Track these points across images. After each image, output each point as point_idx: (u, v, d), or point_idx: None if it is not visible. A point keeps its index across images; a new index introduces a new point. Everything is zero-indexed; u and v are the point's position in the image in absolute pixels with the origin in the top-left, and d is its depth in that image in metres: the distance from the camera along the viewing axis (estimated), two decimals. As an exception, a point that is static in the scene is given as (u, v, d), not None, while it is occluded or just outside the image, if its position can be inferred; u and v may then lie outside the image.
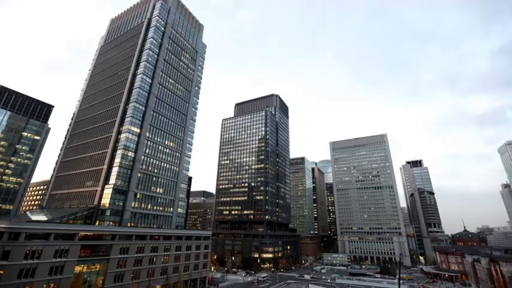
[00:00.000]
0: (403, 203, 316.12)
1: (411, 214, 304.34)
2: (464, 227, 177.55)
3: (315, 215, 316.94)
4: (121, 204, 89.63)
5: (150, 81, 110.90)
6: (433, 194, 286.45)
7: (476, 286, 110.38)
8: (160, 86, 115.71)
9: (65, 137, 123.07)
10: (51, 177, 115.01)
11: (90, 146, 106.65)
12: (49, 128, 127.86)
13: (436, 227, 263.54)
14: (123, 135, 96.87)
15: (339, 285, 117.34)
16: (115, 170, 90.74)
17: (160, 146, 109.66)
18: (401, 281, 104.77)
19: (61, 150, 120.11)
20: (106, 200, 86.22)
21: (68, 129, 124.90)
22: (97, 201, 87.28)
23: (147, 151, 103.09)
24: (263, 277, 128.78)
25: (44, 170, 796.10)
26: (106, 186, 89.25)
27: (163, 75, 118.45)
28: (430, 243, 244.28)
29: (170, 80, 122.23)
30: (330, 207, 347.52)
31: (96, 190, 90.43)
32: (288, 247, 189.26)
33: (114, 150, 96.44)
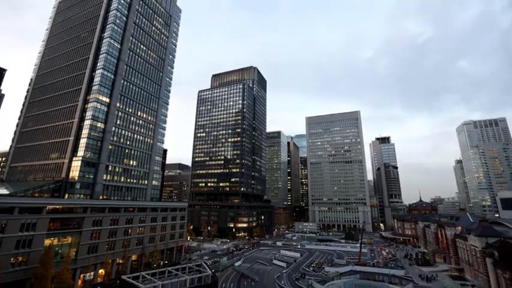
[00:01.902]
0: (370, 176, 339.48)
1: (376, 186, 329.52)
2: (420, 197, 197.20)
3: (289, 187, 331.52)
4: (91, 177, 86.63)
5: (119, 46, 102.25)
6: (396, 168, 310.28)
7: (424, 247, 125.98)
8: (131, 53, 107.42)
9: (23, 105, 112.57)
10: (10, 148, 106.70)
11: (54, 116, 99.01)
12: (3, 95, 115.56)
13: (396, 198, 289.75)
14: (90, 105, 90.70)
15: (308, 250, 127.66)
16: (83, 142, 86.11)
17: (132, 117, 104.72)
18: (362, 245, 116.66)
19: (19, 119, 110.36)
20: (75, 173, 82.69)
21: (26, 96, 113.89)
22: (65, 174, 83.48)
23: (118, 122, 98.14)
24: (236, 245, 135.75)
25: (0, 140, 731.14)
26: (74, 159, 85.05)
27: (133, 40, 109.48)
28: (390, 212, 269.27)
29: (142, 47, 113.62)
30: (303, 180, 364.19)
31: (63, 162, 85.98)
32: (262, 217, 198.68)
33: (82, 120, 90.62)
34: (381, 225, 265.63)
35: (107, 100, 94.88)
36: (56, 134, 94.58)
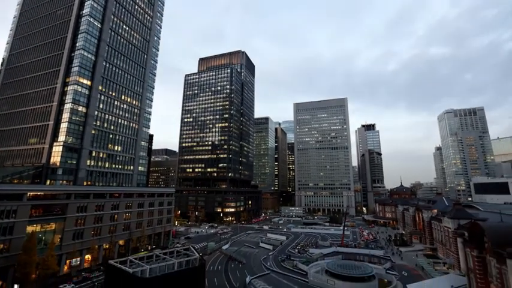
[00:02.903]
0: (354, 162, 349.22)
1: (360, 172, 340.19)
2: (401, 182, 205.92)
3: (276, 173, 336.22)
4: (74, 162, 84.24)
5: (99, 25, 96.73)
6: (380, 154, 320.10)
7: (403, 229, 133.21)
8: (113, 33, 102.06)
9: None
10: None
11: (31, 98, 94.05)
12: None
13: (379, 183, 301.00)
14: (70, 88, 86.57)
15: (294, 233, 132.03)
16: (64, 126, 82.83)
17: (116, 101, 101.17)
18: (345, 228, 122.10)
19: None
20: (56, 159, 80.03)
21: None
22: (45, 160, 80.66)
23: (101, 106, 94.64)
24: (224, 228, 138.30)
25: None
26: (55, 144, 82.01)
27: (115, 19, 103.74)
28: (373, 196, 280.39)
29: (124, 27, 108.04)
30: (290, 166, 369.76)
31: (43, 148, 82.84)
32: (250, 202, 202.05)
33: (61, 104, 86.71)
34: (364, 209, 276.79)
35: (88, 83, 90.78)
36: (34, 118, 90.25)
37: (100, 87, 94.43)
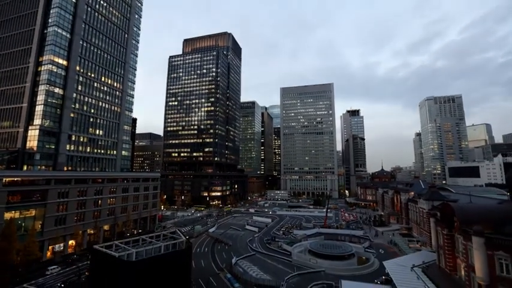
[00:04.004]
0: (339, 146, 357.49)
1: (344, 156, 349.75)
2: (382, 167, 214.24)
3: (262, 157, 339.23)
4: (53, 147, 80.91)
5: (74, 0, 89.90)
6: (363, 139, 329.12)
7: (382, 210, 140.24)
8: (89, 9, 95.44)
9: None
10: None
11: (1, 78, 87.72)
12: None
13: (361, 167, 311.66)
14: (44, 68, 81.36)
15: (279, 216, 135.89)
16: (39, 109, 78.60)
17: (96, 83, 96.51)
18: (328, 210, 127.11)
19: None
20: (33, 143, 76.46)
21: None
22: (21, 144, 76.82)
23: (79, 88, 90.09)
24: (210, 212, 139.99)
25: None
26: (30, 128, 78.00)
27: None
28: (355, 180, 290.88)
29: (102, 2, 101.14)
30: (276, 150, 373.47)
31: (18, 131, 78.68)
32: (236, 186, 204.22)
33: (35, 85, 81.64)
34: (347, 192, 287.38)
35: (64, 63, 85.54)
36: (5, 100, 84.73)
37: (77, 68, 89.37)
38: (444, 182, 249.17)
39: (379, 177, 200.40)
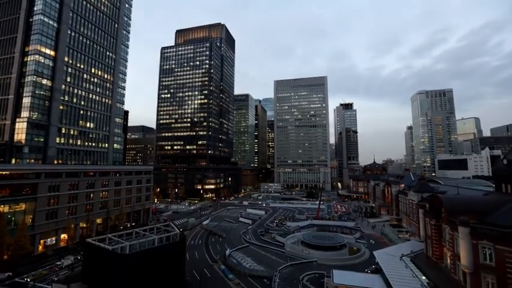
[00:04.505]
0: (332, 139, 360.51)
1: (337, 149, 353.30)
2: (374, 159, 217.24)
3: (256, 150, 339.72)
4: (42, 140, 79.20)
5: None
6: (356, 132, 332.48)
7: (373, 202, 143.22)
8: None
9: None
10: None
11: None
12: None
13: (354, 160, 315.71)
14: (31, 58, 78.77)
15: (272, 208, 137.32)
16: (27, 101, 76.44)
17: (85, 75, 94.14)
18: (321, 202, 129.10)
19: None
20: (21, 136, 74.63)
21: None
22: (8, 137, 74.91)
23: (68, 80, 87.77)
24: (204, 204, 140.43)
25: None
26: (18, 120, 75.96)
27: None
28: (348, 172, 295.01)
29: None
30: (270, 143, 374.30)
31: (5, 124, 76.58)
32: (229, 179, 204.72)
33: (22, 76, 79.12)
34: (339, 184, 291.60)
35: (52, 53, 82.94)
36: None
37: (66, 59, 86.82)
38: (433, 174, 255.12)
39: (371, 169, 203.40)
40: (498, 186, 42.72)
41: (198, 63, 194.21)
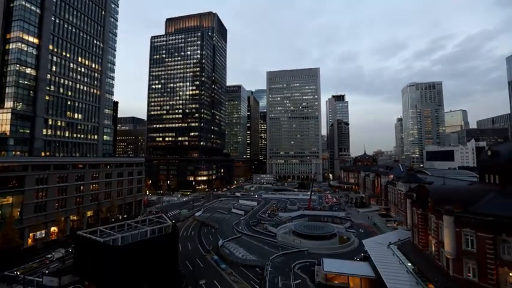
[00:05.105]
0: (324, 131, 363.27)
1: (329, 141, 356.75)
2: (365, 151, 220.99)
3: (248, 141, 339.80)
4: (28, 131, 77.03)
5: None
6: (348, 124, 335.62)
7: (363, 192, 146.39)
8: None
9: None
10: None
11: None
12: None
13: (345, 151, 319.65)
14: (13, 46, 75.60)
15: (264, 199, 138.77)
16: (10, 91, 73.83)
17: (72, 64, 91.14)
18: (312, 193, 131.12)
19: None
20: (6, 127, 72.32)
21: None
22: (-8, 128, 72.44)
23: (54, 69, 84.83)
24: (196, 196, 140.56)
25: None
26: (1, 111, 73.45)
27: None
28: (339, 163, 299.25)
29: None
30: (262, 134, 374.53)
31: (-12, 115, 73.82)
32: (222, 170, 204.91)
33: (4, 65, 76.01)
34: (330, 175, 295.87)
35: (35, 41, 79.71)
36: (-29, 80, 78.58)
37: (51, 47, 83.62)
38: (422, 165, 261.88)
39: (362, 161, 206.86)
40: (482, 176, 44.24)
41: (189, 53, 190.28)
